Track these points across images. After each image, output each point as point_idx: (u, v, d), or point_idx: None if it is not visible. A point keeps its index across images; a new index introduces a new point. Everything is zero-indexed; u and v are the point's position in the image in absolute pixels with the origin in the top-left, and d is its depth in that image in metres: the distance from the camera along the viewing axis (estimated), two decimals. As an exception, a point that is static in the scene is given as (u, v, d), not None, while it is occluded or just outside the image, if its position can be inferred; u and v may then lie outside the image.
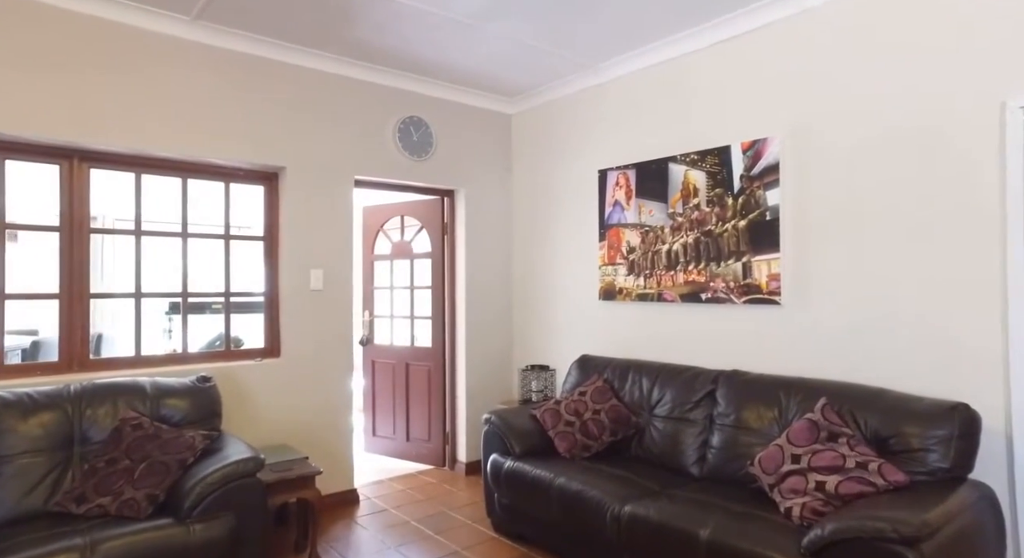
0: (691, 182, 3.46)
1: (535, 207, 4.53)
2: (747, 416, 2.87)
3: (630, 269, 3.80)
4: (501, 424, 3.37)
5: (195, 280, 3.57)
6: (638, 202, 3.75)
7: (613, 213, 3.91)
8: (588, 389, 3.51)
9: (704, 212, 3.39)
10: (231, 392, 3.45)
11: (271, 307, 3.71)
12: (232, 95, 3.47)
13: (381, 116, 4.05)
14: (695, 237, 3.44)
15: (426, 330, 4.66)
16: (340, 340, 3.87)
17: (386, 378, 4.84)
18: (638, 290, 3.75)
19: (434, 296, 4.59)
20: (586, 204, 4.13)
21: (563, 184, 4.31)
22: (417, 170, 4.21)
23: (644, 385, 3.41)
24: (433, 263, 4.59)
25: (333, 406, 3.83)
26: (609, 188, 3.93)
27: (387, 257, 4.86)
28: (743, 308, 3.23)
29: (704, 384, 3.15)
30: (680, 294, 3.52)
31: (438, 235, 4.57)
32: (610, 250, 3.92)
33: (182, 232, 3.46)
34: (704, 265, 3.40)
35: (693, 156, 3.45)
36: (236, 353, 3.61)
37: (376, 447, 4.88)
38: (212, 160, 3.46)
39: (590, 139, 4.11)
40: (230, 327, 3.63)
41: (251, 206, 3.86)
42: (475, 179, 4.53)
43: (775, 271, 3.07)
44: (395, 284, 4.84)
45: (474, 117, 4.52)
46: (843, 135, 2.86)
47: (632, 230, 3.79)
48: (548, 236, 4.42)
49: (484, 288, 4.56)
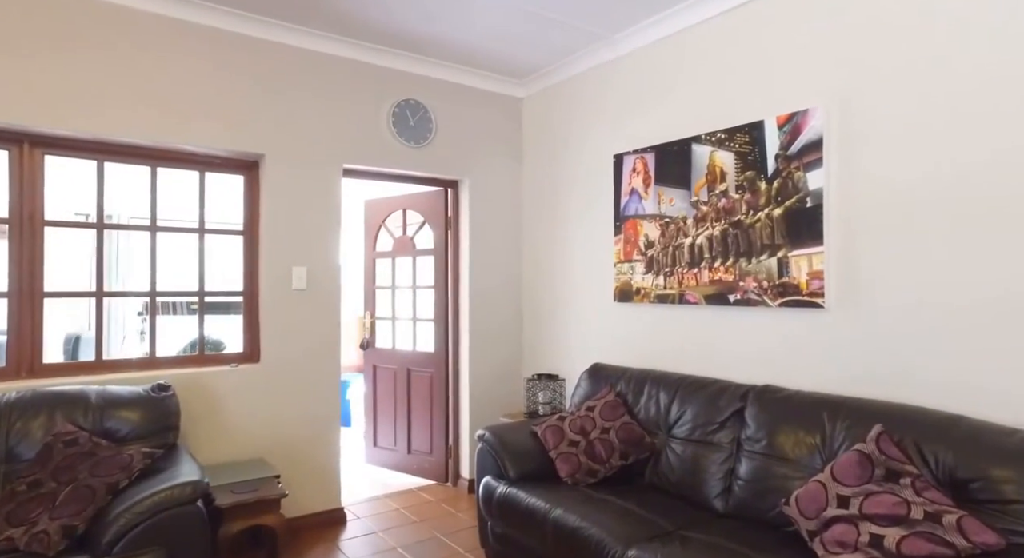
0: (717, 165, 2.97)
1: (546, 199, 4.08)
2: (782, 442, 2.36)
3: (648, 266, 3.32)
4: (495, 443, 2.94)
5: (171, 278, 3.26)
6: (657, 190, 3.27)
7: (630, 203, 3.43)
8: (597, 403, 3.04)
9: (732, 199, 2.90)
10: (202, 401, 3.12)
11: (250, 308, 3.37)
12: (204, 75, 3.13)
13: (373, 99, 3.67)
14: (722, 229, 2.94)
15: (429, 333, 4.27)
16: (326, 345, 3.51)
17: (387, 384, 4.47)
18: (657, 290, 3.26)
19: (437, 297, 4.19)
20: (600, 194, 3.67)
21: (575, 172, 3.85)
22: (415, 158, 3.82)
23: (661, 400, 2.93)
24: (436, 261, 4.20)
25: (319, 417, 3.47)
26: (625, 175, 3.46)
27: (388, 254, 4.49)
28: (778, 312, 2.73)
29: (731, 401, 2.65)
30: (705, 295, 3.02)
31: (441, 230, 4.17)
32: (626, 245, 3.45)
33: (151, 226, 3.15)
34: (733, 261, 2.90)
35: (720, 135, 2.95)
36: (210, 357, 3.27)
37: (377, 459, 4.51)
38: (184, 147, 3.14)
39: (604, 121, 3.65)
40: (204, 329, 3.30)
41: (236, 199, 3.54)
42: (481, 169, 4.11)
43: (817, 268, 2.55)
44: (397, 283, 4.46)
45: (479, 100, 4.11)
46: (903, 101, 2.33)
47: (651, 222, 3.31)
48: (559, 230, 3.97)
49: (490, 288, 4.14)
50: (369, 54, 3.61)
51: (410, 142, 3.76)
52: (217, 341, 4.17)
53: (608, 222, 3.59)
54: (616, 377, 3.21)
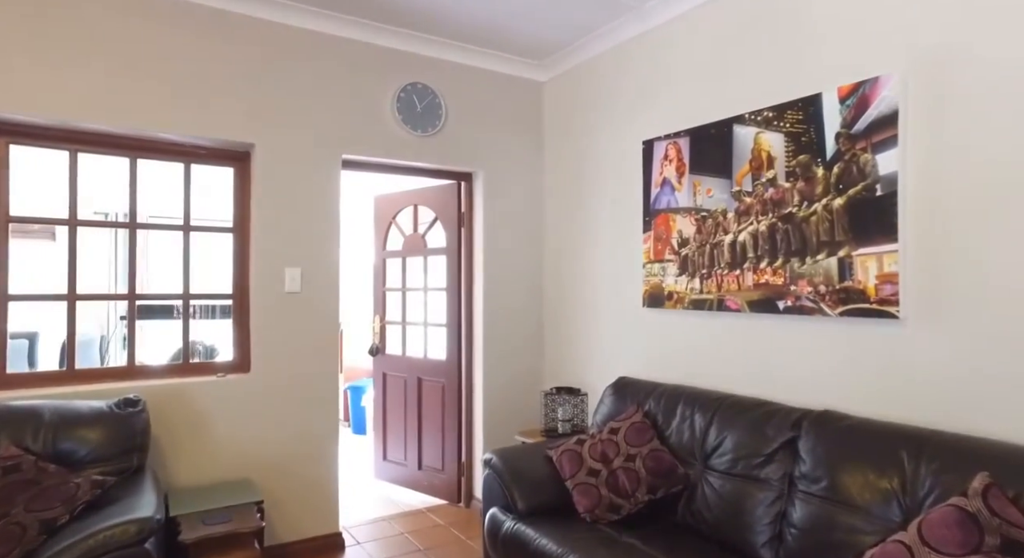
0: (764, 148, 2.52)
1: (569, 193, 3.67)
2: (847, 484, 1.91)
3: (682, 267, 2.88)
4: (503, 469, 2.55)
5: (158, 279, 2.97)
6: (692, 179, 2.83)
7: (661, 195, 3.00)
8: (622, 425, 2.63)
9: (782, 189, 2.44)
10: (185, 416, 2.81)
11: (240, 313, 3.06)
12: (187, 56, 2.83)
13: (375, 82, 3.32)
14: (769, 223, 2.49)
15: (441, 339, 3.91)
16: (324, 353, 3.17)
17: (397, 394, 4.12)
18: (692, 295, 2.83)
19: (449, 300, 3.82)
20: (628, 185, 3.24)
21: (601, 162, 3.43)
22: (423, 148, 3.46)
23: (697, 423, 2.50)
24: (448, 261, 3.83)
25: (315, 433, 3.14)
26: (656, 163, 3.03)
27: (399, 254, 4.14)
28: (838, 322, 2.27)
29: (781, 428, 2.20)
30: (748, 301, 2.58)
31: (453, 227, 3.80)
32: (657, 243, 3.02)
33: (130, 222, 2.86)
34: (782, 262, 2.44)
35: (767, 113, 2.50)
36: (196, 367, 2.97)
37: (386, 474, 4.17)
38: (165, 135, 2.84)
39: (633, 104, 3.22)
40: (189, 335, 2.99)
41: (228, 193, 3.23)
42: (496, 160, 3.73)
43: (890, 270, 2.09)
44: (408, 285, 4.11)
45: (494, 84, 3.72)
46: (1008, 62, 1.85)
47: (685, 216, 2.87)
48: (584, 227, 3.55)
49: (507, 291, 3.75)
50: (370, 33, 3.26)
51: (417, 130, 3.40)
52: (211, 348, 3.89)
53: (636, 217, 3.16)
54: (644, 394, 2.79)
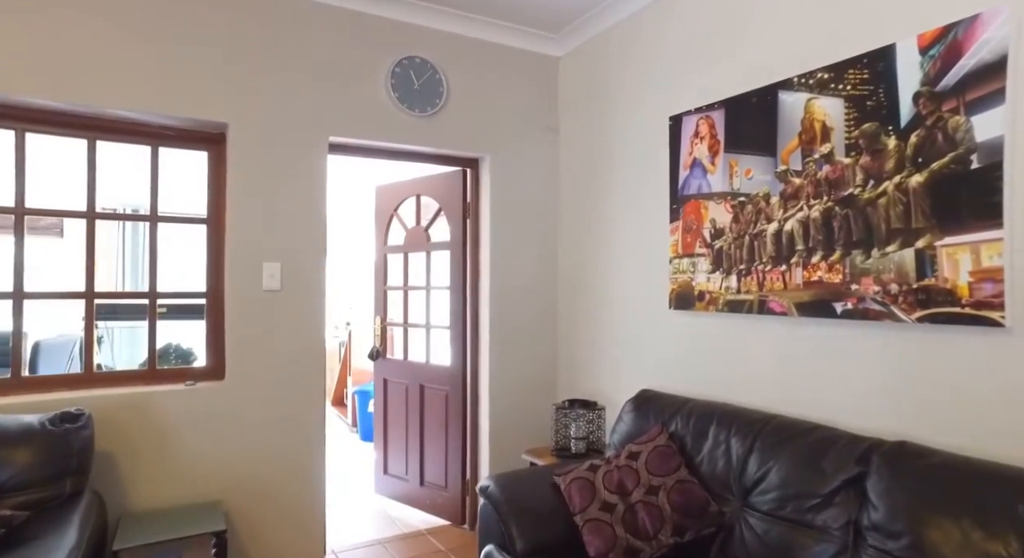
0: (817, 118, 2.07)
1: (587, 180, 3.25)
2: (937, 541, 1.46)
3: (716, 263, 2.44)
4: (502, 499, 2.15)
5: (129, 276, 2.65)
6: (729, 159, 2.39)
7: (691, 179, 2.56)
8: (644, 449, 2.20)
9: (840, 165, 1.99)
10: (148, 429, 2.48)
11: (214, 313, 2.71)
12: (150, 22, 2.49)
13: (367, 55, 2.95)
14: (824, 208, 2.04)
15: (444, 343, 3.53)
16: (308, 359, 2.81)
17: (399, 402, 3.75)
18: (728, 295, 2.38)
19: (453, 300, 3.44)
20: (653, 169, 2.81)
21: (622, 144, 3.00)
22: (422, 130, 3.08)
23: (734, 449, 2.06)
24: (452, 256, 3.44)
25: (298, 448, 2.78)
26: (685, 142, 2.59)
27: (400, 249, 3.77)
28: (916, 330, 1.81)
29: (843, 462, 1.75)
30: (796, 303, 2.13)
31: (458, 219, 3.41)
32: (686, 235, 2.58)
33: (88, 212, 2.54)
34: (840, 255, 1.99)
35: (821, 75, 2.05)
36: (163, 373, 2.64)
37: (387, 489, 3.81)
38: (126, 114, 2.51)
39: (659, 75, 2.78)
40: (155, 337, 2.66)
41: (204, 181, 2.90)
42: (505, 144, 3.32)
43: (991, 264, 1.62)
44: (410, 283, 3.74)
45: (504, 60, 3.32)
46: None
47: (719, 202, 2.43)
48: (601, 218, 3.13)
49: (516, 290, 3.35)
50: (361, 1, 2.89)
51: (414, 110, 3.02)
52: (188, 352, 3.58)
53: (662, 205, 2.73)
54: (670, 411, 2.36)
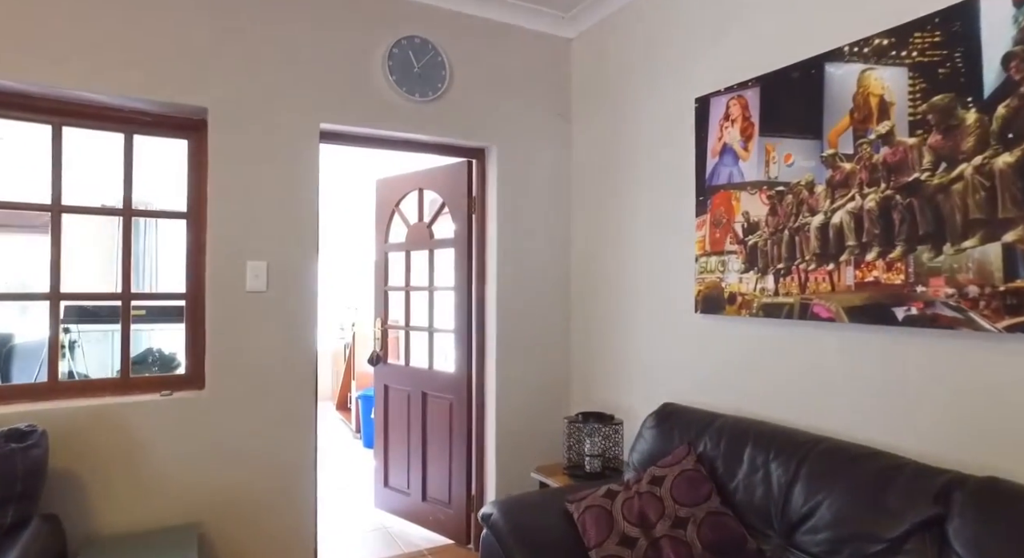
0: (873, 92, 1.77)
1: (604, 171, 2.97)
2: (1042, 607, 1.17)
3: (749, 261, 2.15)
4: (507, 529, 1.88)
5: (98, 275, 2.42)
6: (764, 143, 2.10)
7: (719, 167, 2.27)
8: (668, 473, 1.92)
9: (903, 146, 1.70)
10: (117, 445, 2.24)
11: (194, 316, 2.47)
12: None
13: (362, 35, 2.69)
14: (881, 197, 1.75)
15: (448, 348, 3.26)
16: (298, 367, 2.56)
17: (400, 410, 3.50)
18: (763, 297, 2.10)
19: (457, 301, 3.17)
20: (675, 157, 2.52)
21: (641, 131, 2.72)
22: (422, 117, 2.81)
23: (775, 476, 1.77)
24: (456, 255, 3.18)
25: (286, 464, 2.53)
26: (713, 126, 2.30)
27: (401, 247, 3.51)
28: (1006, 341, 1.51)
29: (915, 499, 1.46)
30: (847, 307, 1.84)
31: (462, 214, 3.15)
32: (714, 229, 2.29)
33: (52, 205, 2.31)
34: (902, 251, 1.70)
35: (879, 41, 1.76)
36: (137, 382, 2.40)
37: (387, 503, 3.55)
38: (94, 96, 2.27)
39: (683, 53, 2.50)
40: (129, 343, 2.42)
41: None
42: (514, 132, 3.05)
43: (1101, 260, 1.33)
44: (412, 283, 3.48)
45: (512, 41, 3.05)
46: None
47: (753, 193, 2.14)
48: (619, 213, 2.85)
49: (525, 291, 3.07)
50: (355, -27, 2.64)
51: (414, 94, 2.76)
52: (170, 357, 3.33)
53: (687, 197, 2.44)
54: (698, 428, 2.07)
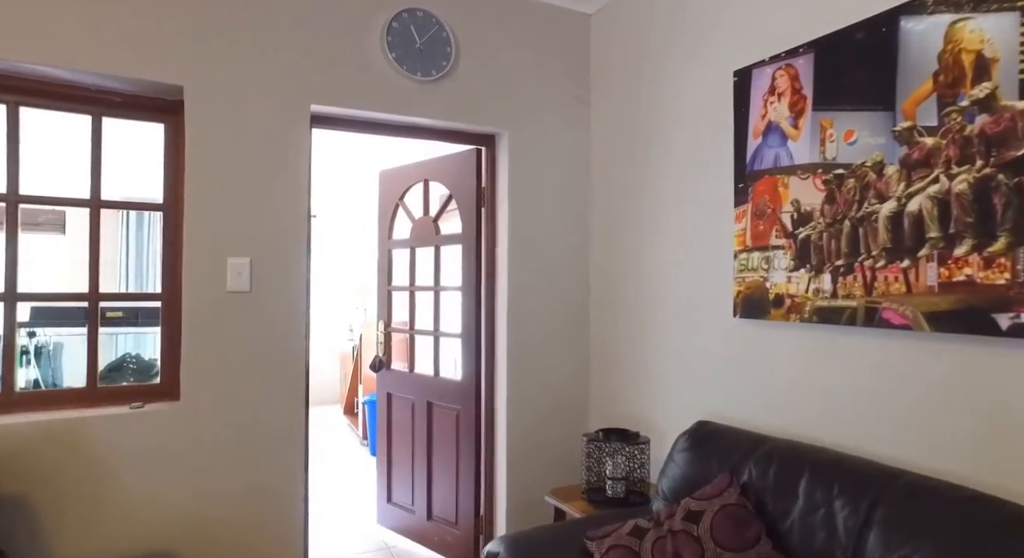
0: (966, 47, 1.44)
1: (625, 158, 2.66)
2: None
3: (800, 257, 1.83)
4: (516, 576, 1.58)
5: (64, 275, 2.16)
6: (818, 119, 1.78)
7: (763, 149, 1.95)
8: (707, 507, 1.61)
9: (1010, 112, 1.37)
10: (77, 465, 1.97)
11: (170, 319, 2.21)
12: (85, -37, 2.00)
13: (358, 6, 2.40)
14: (977, 177, 1.42)
15: (455, 353, 2.98)
16: (285, 375, 2.28)
17: (404, 420, 3.21)
18: (818, 300, 1.77)
19: (465, 303, 2.88)
20: (710, 140, 2.20)
21: (669, 113, 2.41)
22: (426, 98, 2.53)
23: (841, 518, 1.45)
24: (464, 252, 2.89)
25: (271, 487, 2.25)
26: (755, 102, 1.98)
27: (406, 244, 3.23)
28: None
29: (1030, 559, 1.14)
30: (927, 312, 1.51)
31: (471, 207, 2.86)
32: (757, 221, 1.97)
33: (7, 194, 2.06)
34: (1006, 243, 1.37)
35: (971, -13, 1.43)
36: (104, 394, 2.14)
37: (390, 520, 3.27)
38: (56, 73, 2.02)
39: (717, 20, 2.18)
40: (97, 348, 2.16)
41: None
42: (527, 117, 2.75)
43: None
44: (417, 282, 3.19)
45: (526, 17, 2.75)
46: None
47: (805, 177, 1.82)
48: (644, 204, 2.53)
49: (539, 292, 2.77)
50: (349, -63, 2.36)
51: (416, 73, 2.47)
52: (150, 364, 3.07)
53: (724, 186, 2.12)
54: (740, 453, 1.76)
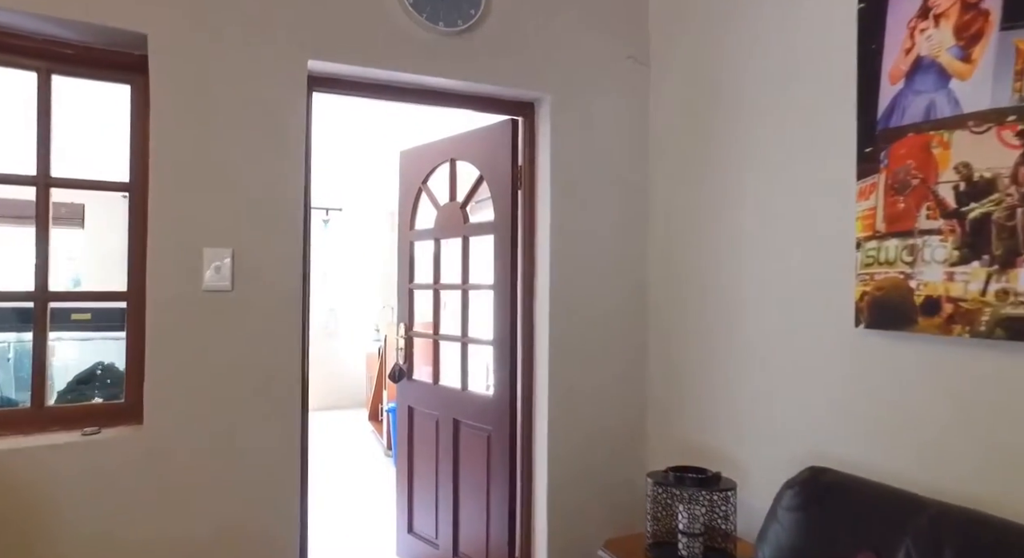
0: None
1: (696, 127, 2.12)
2: None
3: (971, 245, 1.27)
4: None
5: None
6: (1010, 42, 1.22)
7: (907, 97, 1.40)
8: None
9: None
10: (13, 506, 1.56)
11: (134, 324, 1.78)
12: None
13: (366, -62, 1.94)
14: None
15: (487, 363, 2.49)
16: (276, 393, 1.83)
17: (427, 439, 2.74)
18: (1005, 307, 1.21)
19: (498, 303, 2.39)
20: (817, 93, 1.65)
21: (754, 66, 1.86)
22: (450, 54, 2.04)
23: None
24: (498, 244, 2.39)
25: (260, 532, 1.80)
26: (894, 31, 1.43)
27: (430, 234, 2.75)
28: None
29: None
30: None
31: (506, 191, 2.36)
32: (893, 197, 1.42)
33: (-65, 170, 1.65)
34: None
35: None
36: (55, 414, 1.72)
37: (411, 552, 2.80)
38: (-10, 18, 1.60)
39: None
40: (46, 358, 1.74)
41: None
42: (573, 81, 2.24)
43: None
44: (442, 280, 2.71)
45: (572, -43, 2.24)
46: None
47: (981, 131, 1.26)
48: (720, 183, 1.99)
49: (589, 292, 2.26)
50: None
51: (438, 22, 1.98)
52: (123, 375, 2.67)
53: (841, 150, 1.57)
54: (887, 522, 1.22)
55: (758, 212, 1.85)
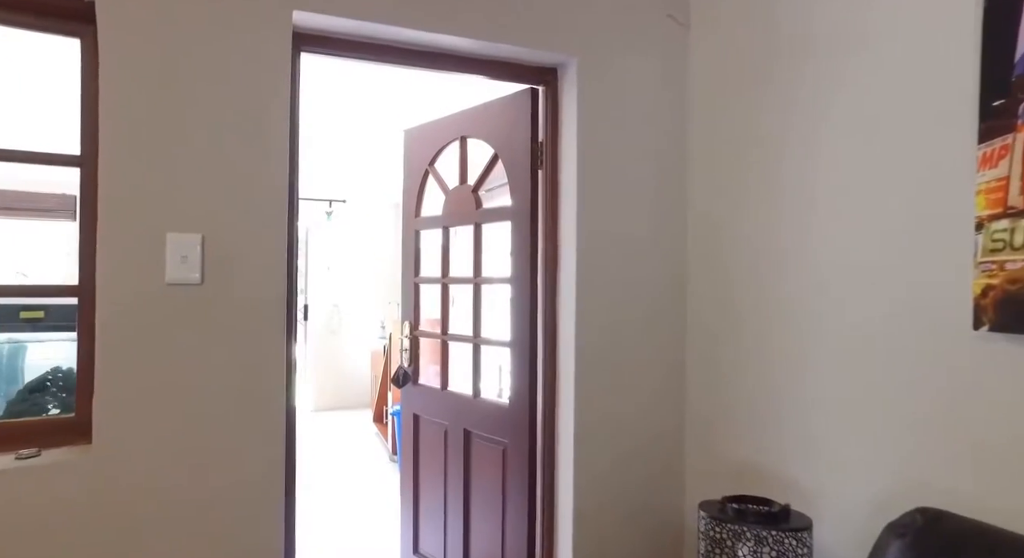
0: None
1: (748, 96, 1.79)
2: None
3: None
4: None
5: None
6: None
7: (1058, 32, 1.07)
8: None
9: None
10: (-69, 545, 1.27)
11: (85, 324, 1.48)
12: None
13: None
14: None
15: (503, 367, 2.18)
16: (258, 411, 1.53)
17: (434, 451, 2.43)
18: None
19: (516, 299, 2.07)
20: (919, 34, 1.32)
21: (818, 20, 1.53)
22: (460, 5, 1.72)
23: None
24: (516, 231, 2.07)
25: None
26: (1041, -51, 1.10)
27: (437, 221, 2.43)
28: None
29: None
30: None
31: (524, 171, 2.04)
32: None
33: None
34: None
35: None
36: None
37: (418, 576, 2.51)
38: (-100, -48, 1.29)
39: None
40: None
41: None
42: (603, 43, 1.92)
43: None
44: (451, 273, 2.40)
45: (603, -102, 1.91)
46: None
47: None
48: (782, 157, 1.67)
49: (621, 287, 1.94)
50: None
51: (447, -33, 1.66)
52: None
53: (955, 106, 1.24)
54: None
55: (832, 190, 1.52)
